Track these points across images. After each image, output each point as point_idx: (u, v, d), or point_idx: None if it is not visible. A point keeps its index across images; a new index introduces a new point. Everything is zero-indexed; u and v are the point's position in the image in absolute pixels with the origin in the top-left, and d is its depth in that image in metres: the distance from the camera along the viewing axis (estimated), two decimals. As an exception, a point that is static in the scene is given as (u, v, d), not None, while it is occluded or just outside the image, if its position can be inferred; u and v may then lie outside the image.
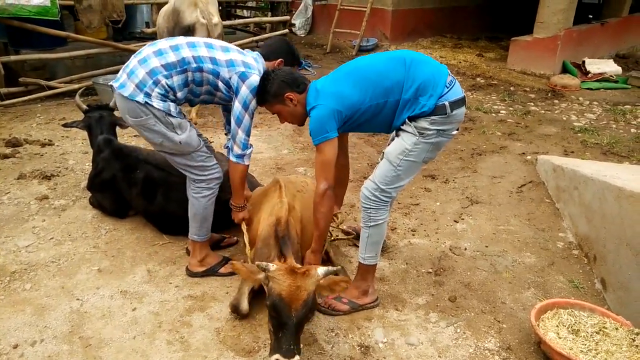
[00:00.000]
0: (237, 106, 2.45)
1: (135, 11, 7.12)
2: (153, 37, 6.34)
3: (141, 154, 3.24)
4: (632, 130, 5.66)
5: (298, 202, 2.66)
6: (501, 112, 6.23)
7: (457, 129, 2.45)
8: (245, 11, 10.86)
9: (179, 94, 2.47)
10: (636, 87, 7.70)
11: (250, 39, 7.70)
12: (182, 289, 2.72)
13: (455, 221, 3.56)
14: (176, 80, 2.43)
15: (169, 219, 3.13)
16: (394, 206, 3.63)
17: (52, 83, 5.80)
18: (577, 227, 3.31)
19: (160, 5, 6.22)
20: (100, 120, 3.40)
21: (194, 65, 2.44)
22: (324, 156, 2.32)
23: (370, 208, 2.45)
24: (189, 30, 4.83)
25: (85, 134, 3.60)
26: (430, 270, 2.97)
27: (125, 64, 2.49)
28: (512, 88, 7.40)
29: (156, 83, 2.39)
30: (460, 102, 2.34)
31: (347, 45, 9.65)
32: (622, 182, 2.85)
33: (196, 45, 2.48)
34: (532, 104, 6.65)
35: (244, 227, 2.76)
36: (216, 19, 5.05)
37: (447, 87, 2.30)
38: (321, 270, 2.06)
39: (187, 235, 2.77)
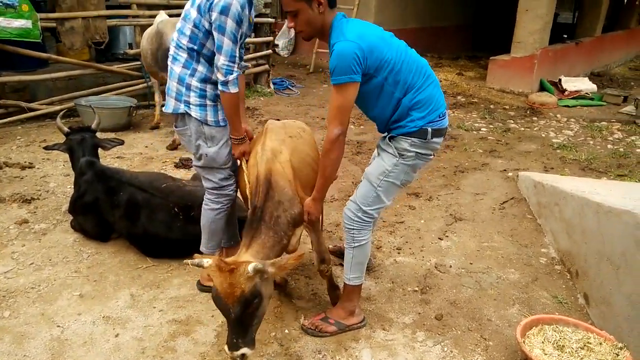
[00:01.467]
0: (214, 35, 2.32)
1: (118, 32, 7.13)
2: (136, 58, 6.35)
3: (124, 176, 3.21)
4: (609, 146, 5.81)
5: (287, 147, 2.43)
6: (482, 129, 6.35)
7: (433, 155, 2.47)
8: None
9: (213, 76, 2.43)
10: (611, 104, 7.94)
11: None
12: (166, 313, 2.67)
13: (439, 238, 3.59)
14: (200, 69, 2.44)
15: (152, 242, 3.09)
16: (379, 224, 3.65)
17: (33, 105, 5.74)
18: (559, 243, 3.37)
19: (143, 27, 6.24)
20: (82, 143, 3.36)
21: (190, 42, 2.39)
22: (343, 98, 2.15)
23: (353, 229, 2.45)
24: (173, 52, 4.85)
25: (66, 156, 3.56)
26: (416, 288, 2.98)
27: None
28: (492, 106, 7.56)
29: (188, 88, 2.45)
30: (441, 132, 2.38)
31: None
32: (601, 197, 2.91)
33: (180, 27, 2.44)
34: (511, 121, 6.79)
35: (244, 163, 2.56)
36: (200, 40, 5.08)
37: (440, 118, 2.34)
38: (251, 267, 1.89)
39: (171, 258, 2.74)
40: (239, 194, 2.80)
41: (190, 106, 2.46)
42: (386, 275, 3.10)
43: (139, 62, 6.26)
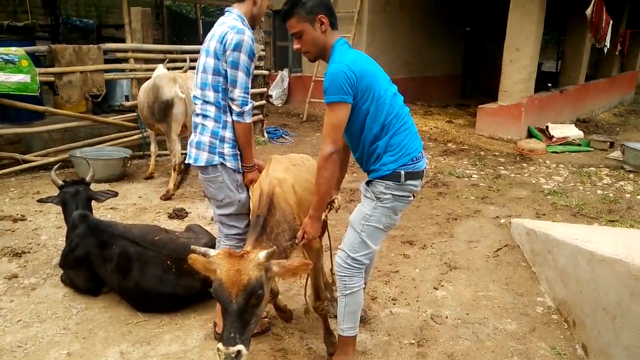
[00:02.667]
0: (228, 71, 2.47)
1: (115, 85, 7.30)
2: (132, 110, 6.47)
3: (117, 229, 3.20)
4: (599, 191, 5.89)
5: (291, 174, 2.56)
6: (473, 176, 6.43)
7: (414, 197, 2.49)
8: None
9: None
10: (598, 149, 8.12)
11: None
12: (156, 372, 2.59)
13: (435, 288, 3.56)
14: (229, 120, 2.56)
15: (144, 296, 3.04)
16: (374, 274, 3.62)
17: (27, 157, 5.77)
18: (555, 292, 3.35)
19: (140, 80, 6.41)
20: (76, 196, 3.37)
21: (214, 91, 2.53)
22: (335, 117, 2.23)
23: (344, 276, 2.47)
24: (168, 105, 4.97)
25: (59, 207, 3.55)
26: (413, 341, 2.92)
27: (189, 140, 2.66)
28: (482, 153, 7.69)
29: (222, 140, 2.56)
30: (416, 175, 2.39)
31: (322, 114, 9.97)
32: (593, 245, 2.93)
33: (200, 81, 2.58)
34: (502, 167, 6.90)
35: (251, 190, 2.64)
36: (195, 93, 5.21)
37: (412, 162, 2.38)
38: (262, 253, 1.99)
39: (162, 313, 2.68)
40: None
41: (225, 157, 2.58)
42: (382, 328, 3.05)
43: (134, 114, 6.38)
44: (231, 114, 2.57)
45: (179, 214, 4.69)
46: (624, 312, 2.42)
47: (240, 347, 1.88)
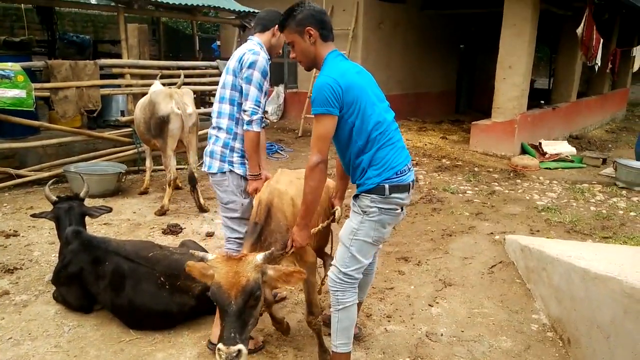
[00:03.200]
0: (243, 86, 2.74)
1: (110, 100, 7.32)
2: (128, 125, 6.48)
3: (110, 245, 3.18)
4: (592, 208, 5.93)
5: (293, 187, 2.69)
6: (467, 192, 6.46)
7: (402, 210, 2.48)
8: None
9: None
10: (591, 166, 8.19)
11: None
12: (148, 391, 2.56)
13: (430, 305, 3.55)
14: (239, 132, 2.81)
15: (137, 313, 3.02)
16: (369, 291, 3.60)
17: (21, 171, 5.75)
18: (549, 309, 3.35)
19: (136, 96, 6.44)
20: (70, 211, 3.35)
21: (230, 104, 2.81)
22: (322, 128, 2.29)
23: (337, 291, 2.48)
24: (164, 121, 4.99)
25: (52, 223, 3.53)
26: (408, 359, 2.91)
27: (204, 150, 2.92)
28: (476, 169, 7.73)
29: (232, 150, 2.83)
30: (402, 188, 2.40)
31: (317, 129, 10.02)
32: (586, 262, 2.94)
33: (220, 95, 2.85)
34: (496, 184, 6.94)
35: (255, 198, 2.76)
36: (190, 108, 5.24)
37: (397, 175, 2.39)
38: (260, 255, 2.10)
39: (155, 330, 2.68)
40: None
41: (234, 165, 2.83)
42: (377, 345, 3.03)
43: (130, 129, 6.39)
44: (242, 126, 2.77)
45: (173, 230, 4.67)
46: (617, 330, 2.42)
47: (240, 346, 1.95)
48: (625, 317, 2.37)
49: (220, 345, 1.94)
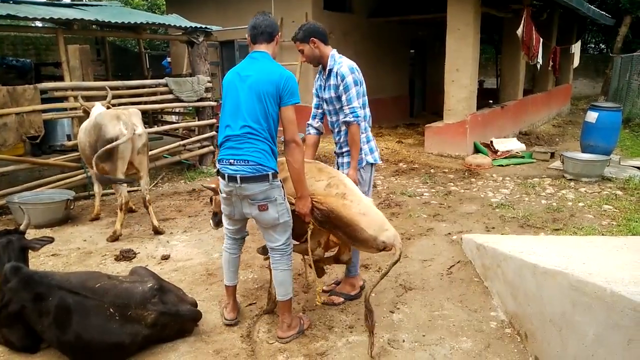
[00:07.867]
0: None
1: (55, 125, 7.06)
2: (74, 149, 6.23)
3: (54, 279, 3.00)
4: (543, 201, 6.13)
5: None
6: (424, 194, 6.55)
7: (224, 195, 3.01)
8: (173, 116, 11.05)
9: None
10: (540, 160, 8.49)
11: (177, 143, 7.76)
12: None
13: (391, 311, 3.55)
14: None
15: (86, 348, 2.85)
16: (329, 303, 3.57)
17: (-41, 206, 5.42)
18: (506, 305, 3.41)
19: (81, 119, 6.20)
20: (8, 247, 3.16)
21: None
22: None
23: None
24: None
25: (-10, 261, 3.32)
26: (371, 369, 2.88)
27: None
28: (432, 170, 7.87)
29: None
30: (222, 175, 2.94)
31: (278, 140, 9.95)
32: (536, 257, 3.01)
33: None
34: (452, 184, 7.07)
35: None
36: (140, 129, 5.08)
37: (221, 164, 2.96)
38: None
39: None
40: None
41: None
42: (339, 358, 2.99)
43: (77, 153, 6.14)
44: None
45: (126, 256, 4.50)
46: (568, 323, 2.48)
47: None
48: (574, 310, 2.43)
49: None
